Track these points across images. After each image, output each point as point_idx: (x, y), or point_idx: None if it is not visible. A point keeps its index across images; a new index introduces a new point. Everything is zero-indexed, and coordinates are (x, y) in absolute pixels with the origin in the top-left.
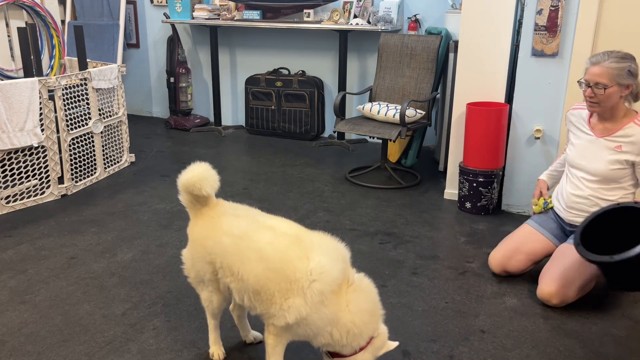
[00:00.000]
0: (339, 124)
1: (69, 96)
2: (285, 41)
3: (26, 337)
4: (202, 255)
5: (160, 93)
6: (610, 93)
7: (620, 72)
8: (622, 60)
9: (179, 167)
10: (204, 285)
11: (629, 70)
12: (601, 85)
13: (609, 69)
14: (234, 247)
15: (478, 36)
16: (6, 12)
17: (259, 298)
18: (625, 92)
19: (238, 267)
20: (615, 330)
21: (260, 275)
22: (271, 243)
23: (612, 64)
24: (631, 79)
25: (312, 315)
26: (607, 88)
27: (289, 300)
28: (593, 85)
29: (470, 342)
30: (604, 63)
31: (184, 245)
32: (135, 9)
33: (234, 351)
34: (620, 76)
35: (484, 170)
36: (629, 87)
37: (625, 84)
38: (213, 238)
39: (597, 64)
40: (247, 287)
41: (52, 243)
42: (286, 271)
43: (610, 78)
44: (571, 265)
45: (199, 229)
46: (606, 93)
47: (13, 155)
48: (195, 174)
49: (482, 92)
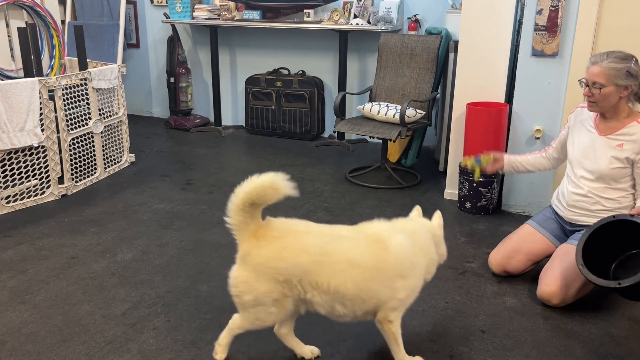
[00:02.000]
0: (339, 124)
1: (69, 96)
2: (285, 41)
3: (26, 337)
4: (271, 276)
5: (160, 93)
6: (607, 93)
7: (617, 73)
8: (621, 61)
9: (179, 167)
10: (263, 306)
11: (628, 71)
12: (598, 85)
13: (606, 69)
14: (316, 265)
15: (478, 36)
16: (6, 12)
17: (360, 300)
18: (625, 92)
19: (327, 281)
20: (615, 330)
21: (359, 279)
22: (354, 248)
23: (610, 64)
24: (630, 79)
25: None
26: (604, 88)
27: (395, 284)
28: (591, 85)
29: (470, 342)
30: (602, 63)
31: (184, 245)
32: (135, 9)
33: (235, 352)
34: (618, 77)
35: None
36: (628, 88)
37: (624, 84)
38: (287, 260)
39: (595, 64)
40: (343, 296)
41: (52, 243)
42: (380, 265)
43: (607, 78)
44: (571, 266)
45: (265, 252)
46: (602, 93)
47: (13, 155)
48: (265, 178)
49: (482, 92)
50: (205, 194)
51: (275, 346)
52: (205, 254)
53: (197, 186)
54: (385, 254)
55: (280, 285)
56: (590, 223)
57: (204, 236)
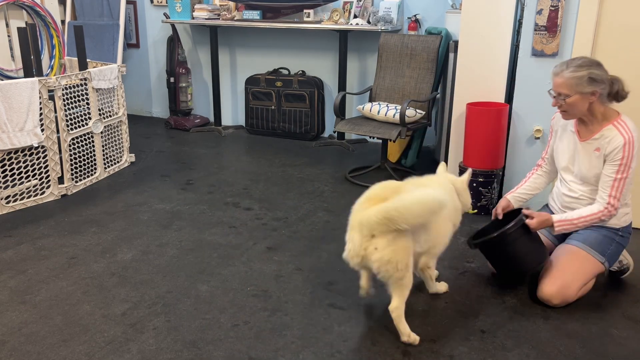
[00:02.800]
0: (339, 124)
1: (69, 96)
2: (285, 41)
3: (26, 337)
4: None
5: (160, 93)
6: (573, 102)
7: (579, 82)
8: (580, 69)
9: (179, 167)
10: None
11: (590, 77)
12: (563, 95)
13: (567, 79)
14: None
15: (478, 36)
16: (6, 12)
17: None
18: (592, 98)
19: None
20: (615, 330)
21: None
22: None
23: (571, 74)
24: (594, 85)
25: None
26: (569, 97)
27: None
28: (557, 96)
29: (470, 342)
30: (563, 73)
31: (184, 245)
32: (135, 9)
33: (235, 352)
34: (580, 85)
35: (484, 170)
36: (595, 94)
37: (588, 91)
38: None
39: (557, 75)
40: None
41: (52, 243)
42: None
43: (569, 88)
44: (570, 266)
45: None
46: (568, 102)
47: (13, 155)
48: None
49: (482, 92)
50: (205, 194)
51: (275, 346)
52: (205, 254)
53: (197, 186)
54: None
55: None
56: None
57: (204, 236)
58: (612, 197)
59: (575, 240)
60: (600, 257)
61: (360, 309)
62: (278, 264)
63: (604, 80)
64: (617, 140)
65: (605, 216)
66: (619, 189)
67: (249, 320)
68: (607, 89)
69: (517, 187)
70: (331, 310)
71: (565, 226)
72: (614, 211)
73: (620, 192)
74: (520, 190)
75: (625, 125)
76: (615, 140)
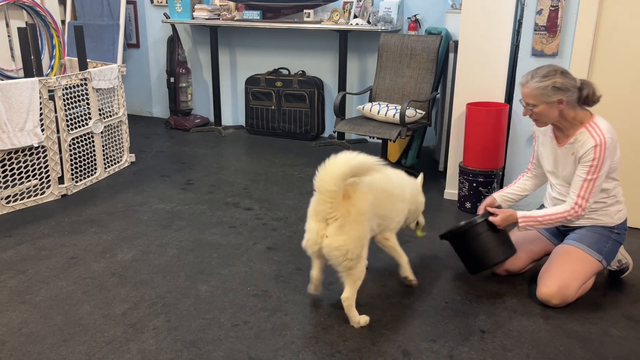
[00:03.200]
0: (339, 124)
1: (69, 96)
2: (285, 41)
3: (26, 337)
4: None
5: (160, 93)
6: (541, 111)
7: (543, 92)
8: (544, 79)
9: (179, 167)
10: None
11: (554, 86)
12: (531, 105)
13: (532, 89)
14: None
15: (478, 36)
16: (6, 12)
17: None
18: (560, 106)
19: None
20: (615, 330)
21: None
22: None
23: (535, 84)
24: (560, 93)
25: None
26: (536, 107)
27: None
28: (525, 105)
29: (470, 342)
30: (528, 84)
31: (184, 245)
32: (135, 9)
33: (235, 352)
34: (545, 95)
35: (484, 170)
36: (562, 102)
37: (554, 100)
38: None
39: (523, 85)
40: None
41: (52, 243)
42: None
43: (535, 98)
44: (569, 265)
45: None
46: (536, 112)
47: (13, 155)
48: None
49: (482, 92)
50: (205, 194)
51: (275, 346)
52: (205, 254)
53: (197, 186)
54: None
55: (369, 223)
56: (578, 224)
57: (204, 236)
58: (581, 197)
59: (572, 240)
60: (597, 256)
61: (360, 309)
62: (278, 264)
63: (570, 87)
64: (589, 143)
65: (571, 216)
66: (587, 189)
67: (249, 320)
68: (574, 95)
69: (507, 187)
70: (331, 310)
71: (530, 223)
72: (581, 212)
73: (589, 193)
74: (508, 190)
75: (597, 127)
76: (587, 142)
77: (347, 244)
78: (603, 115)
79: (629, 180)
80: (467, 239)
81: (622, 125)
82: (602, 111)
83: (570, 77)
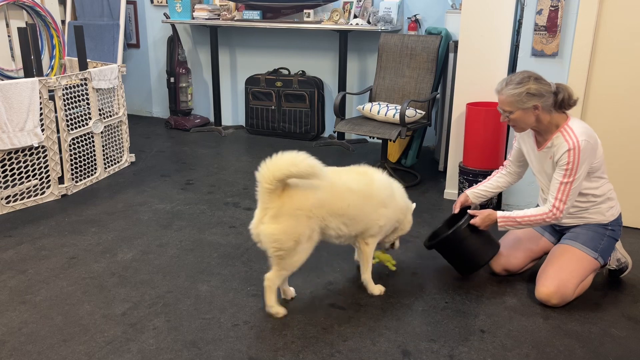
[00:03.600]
0: (339, 124)
1: (69, 96)
2: (285, 41)
3: (26, 337)
4: (304, 215)
5: (160, 93)
6: (517, 118)
7: (517, 98)
8: (518, 86)
9: (179, 167)
10: (300, 245)
11: (528, 93)
12: (507, 112)
13: (507, 96)
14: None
15: (478, 36)
16: (6, 12)
17: (355, 221)
18: (536, 111)
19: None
20: (615, 330)
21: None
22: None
23: (509, 91)
24: (534, 99)
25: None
26: (512, 114)
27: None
28: (502, 112)
29: (470, 342)
30: (503, 91)
31: (184, 245)
32: (135, 9)
33: (235, 352)
34: (520, 101)
35: (484, 170)
36: (537, 107)
37: (529, 106)
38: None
39: (498, 92)
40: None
41: (52, 243)
42: (368, 191)
43: (510, 105)
44: (566, 264)
45: (296, 199)
46: (512, 118)
47: (13, 155)
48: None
49: (482, 92)
50: (205, 194)
51: (275, 346)
52: (205, 254)
53: (197, 186)
54: (372, 184)
55: (311, 221)
56: (571, 224)
57: (204, 236)
58: (558, 200)
59: (567, 240)
60: (593, 253)
61: (360, 309)
62: None
63: (544, 93)
64: (563, 147)
65: (550, 219)
66: (564, 192)
67: (249, 320)
68: (550, 100)
69: (480, 183)
70: (331, 310)
71: (509, 223)
72: (560, 214)
73: (566, 196)
74: (481, 187)
75: (571, 131)
76: (561, 147)
77: (277, 234)
78: (603, 114)
79: (629, 181)
80: (453, 246)
81: (622, 125)
82: (602, 111)
83: (544, 82)
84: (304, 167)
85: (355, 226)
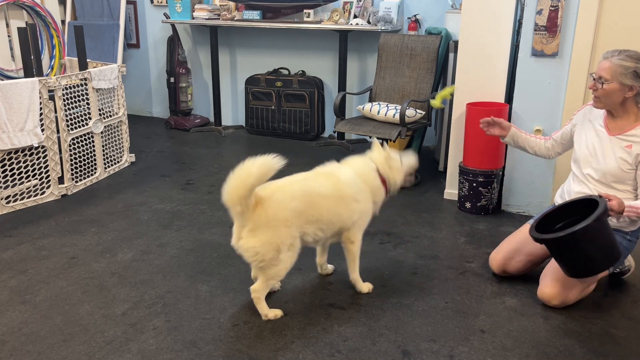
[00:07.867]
0: (339, 124)
1: (69, 96)
2: (285, 41)
3: (26, 337)
4: (283, 224)
5: (160, 93)
6: (610, 89)
7: (623, 71)
8: (631, 60)
9: (179, 167)
10: (282, 254)
11: (635, 71)
12: (603, 80)
13: (614, 65)
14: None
15: (478, 36)
16: (6, 12)
17: (331, 223)
18: (630, 93)
19: (312, 214)
20: (615, 330)
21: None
22: (319, 185)
23: (619, 61)
24: (635, 80)
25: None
26: (607, 83)
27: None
28: (597, 79)
29: (470, 342)
30: (612, 59)
31: (184, 245)
32: (135, 9)
33: (235, 352)
34: (624, 75)
35: (484, 170)
36: (633, 89)
37: (629, 84)
38: (287, 208)
39: (606, 59)
40: (322, 222)
41: (52, 243)
42: (338, 192)
43: (612, 74)
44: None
45: (271, 210)
46: (605, 88)
47: (13, 155)
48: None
49: (482, 92)
50: (205, 194)
51: (275, 346)
52: (205, 254)
53: (197, 186)
54: (339, 184)
55: (289, 229)
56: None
57: (204, 236)
58: None
59: None
60: None
61: (360, 309)
62: None
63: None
64: None
65: None
66: None
67: (249, 320)
68: None
69: (522, 132)
70: (331, 310)
71: (632, 212)
72: None
73: None
74: (522, 134)
75: None
76: None
77: (257, 247)
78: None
79: None
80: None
81: None
82: None
83: None
84: (257, 170)
85: (331, 228)
